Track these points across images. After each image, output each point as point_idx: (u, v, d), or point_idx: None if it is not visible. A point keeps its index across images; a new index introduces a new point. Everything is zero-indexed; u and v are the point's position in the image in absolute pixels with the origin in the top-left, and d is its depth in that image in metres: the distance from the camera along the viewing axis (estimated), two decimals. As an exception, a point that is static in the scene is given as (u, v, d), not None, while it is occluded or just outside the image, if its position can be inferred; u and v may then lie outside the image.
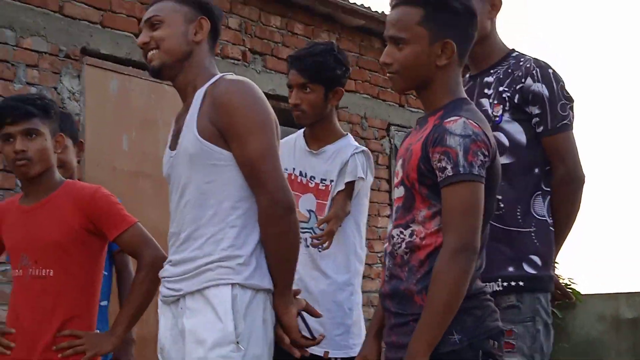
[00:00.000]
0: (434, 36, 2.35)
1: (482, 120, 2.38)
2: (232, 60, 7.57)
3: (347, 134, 3.54)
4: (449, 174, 2.27)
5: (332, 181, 3.41)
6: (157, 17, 2.63)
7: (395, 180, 2.44)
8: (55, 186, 3.00)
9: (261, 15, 7.92)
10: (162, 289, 2.63)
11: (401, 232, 2.37)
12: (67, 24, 6.35)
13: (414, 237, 2.34)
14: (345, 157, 3.41)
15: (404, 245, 2.35)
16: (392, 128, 9.18)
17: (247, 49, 7.73)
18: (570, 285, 11.13)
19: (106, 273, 3.53)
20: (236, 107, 2.50)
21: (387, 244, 2.43)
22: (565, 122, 2.85)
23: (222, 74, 2.63)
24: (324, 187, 3.42)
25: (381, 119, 9.04)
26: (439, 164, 2.29)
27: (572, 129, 2.87)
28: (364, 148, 3.49)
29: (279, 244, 2.50)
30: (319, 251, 3.38)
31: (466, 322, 2.29)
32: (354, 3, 8.44)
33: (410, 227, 2.35)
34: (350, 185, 3.40)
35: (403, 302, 2.35)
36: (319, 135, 3.49)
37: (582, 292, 11.24)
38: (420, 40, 2.35)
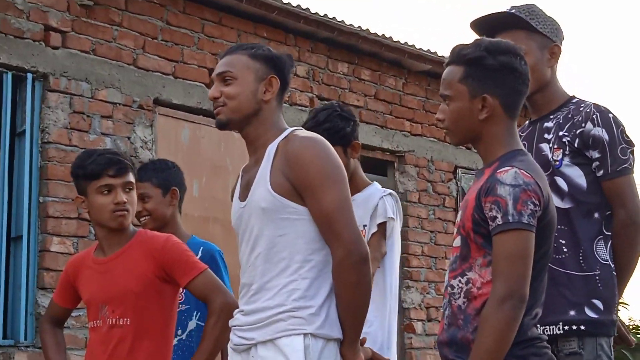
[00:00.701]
0: (473, 92, 2.48)
1: (536, 170, 2.45)
2: (300, 107, 7.70)
3: (373, 182, 3.67)
4: (499, 223, 2.34)
5: (364, 226, 3.50)
6: (229, 72, 2.68)
7: (455, 231, 2.52)
8: (129, 237, 3.12)
9: (328, 63, 8.06)
10: (233, 337, 2.67)
11: (459, 282, 2.43)
12: (141, 76, 6.57)
13: (470, 285, 2.41)
14: (374, 202, 3.53)
15: (462, 294, 2.42)
16: (459, 171, 9.19)
17: (314, 95, 7.86)
18: (639, 328, 10.87)
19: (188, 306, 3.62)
20: (310, 162, 2.56)
21: (445, 292, 2.49)
22: (625, 165, 2.86)
23: (292, 129, 2.70)
24: None
25: (448, 162, 9.05)
26: (490, 213, 2.36)
27: (632, 172, 2.88)
28: (391, 191, 3.61)
29: (353, 294, 2.53)
30: None
31: None
32: (420, 48, 8.52)
33: (467, 275, 2.42)
34: (383, 227, 3.51)
35: (460, 350, 2.41)
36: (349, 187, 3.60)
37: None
38: (462, 97, 2.50)
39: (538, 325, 2.45)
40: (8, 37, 5.90)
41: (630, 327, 10.86)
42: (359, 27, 7.99)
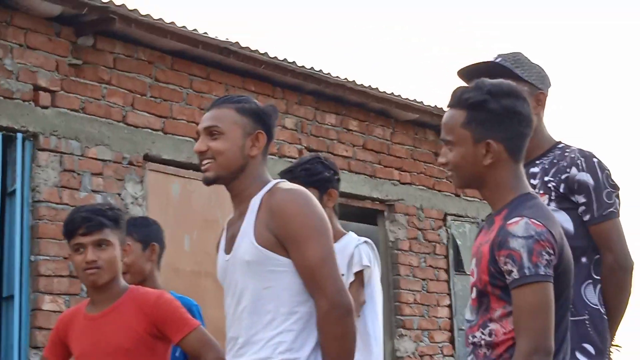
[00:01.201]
0: (477, 137, 2.43)
1: (546, 216, 2.41)
2: (289, 159, 7.75)
3: (348, 232, 3.71)
4: (515, 277, 2.30)
5: (342, 275, 3.50)
6: (216, 128, 2.68)
7: (471, 280, 2.48)
8: (120, 293, 3.11)
9: (316, 114, 8.13)
10: None
11: (482, 333, 2.41)
12: (131, 133, 6.62)
13: (493, 336, 2.38)
14: (350, 251, 3.58)
15: (484, 344, 2.40)
16: (449, 218, 9.23)
17: (303, 147, 7.92)
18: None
19: None
20: (294, 214, 2.57)
21: (467, 343, 2.47)
22: (611, 209, 2.88)
23: (276, 181, 2.72)
24: None
25: (437, 209, 9.10)
26: (505, 267, 2.32)
27: (618, 216, 2.90)
28: (366, 239, 3.66)
29: (338, 346, 2.53)
30: None
31: None
32: (407, 98, 8.62)
33: (489, 326, 2.39)
34: (360, 275, 3.56)
35: None
36: None
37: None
38: (465, 142, 2.44)
39: None
40: (-2, 98, 5.95)
41: (626, 370, 10.81)
42: (345, 78, 8.09)
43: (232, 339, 2.66)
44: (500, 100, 2.44)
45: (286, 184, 2.72)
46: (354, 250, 3.57)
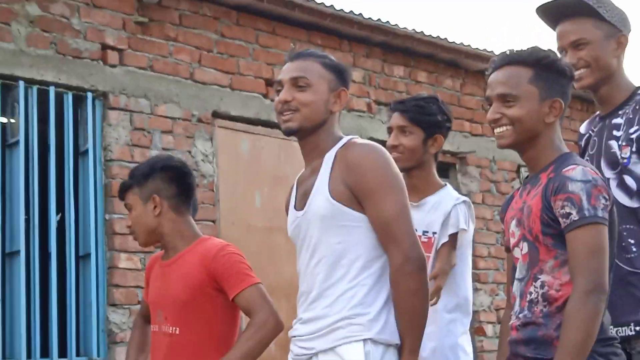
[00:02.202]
0: (544, 94, 2.48)
1: (595, 167, 2.48)
2: (358, 113, 7.68)
3: (446, 184, 3.54)
4: (575, 219, 2.34)
5: (434, 233, 3.39)
6: (305, 79, 2.66)
7: (512, 241, 2.49)
8: (187, 242, 3.08)
9: (384, 67, 8.02)
10: (294, 348, 2.66)
11: (534, 287, 2.42)
12: (198, 90, 6.62)
13: (547, 288, 2.40)
14: (447, 209, 3.40)
15: (539, 298, 2.41)
16: (522, 169, 9.06)
17: (371, 100, 7.83)
18: None
19: None
20: (370, 168, 2.57)
21: (520, 300, 2.46)
22: None
23: (349, 137, 2.70)
24: (426, 240, 3.38)
25: (510, 161, 8.93)
26: (562, 211, 2.36)
27: None
28: (466, 198, 3.48)
29: (411, 301, 2.52)
30: None
31: None
32: (477, 48, 8.44)
33: (540, 278, 2.42)
34: (454, 237, 3.38)
35: (541, 348, 2.39)
36: (419, 186, 3.46)
37: None
38: (531, 98, 2.48)
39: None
40: (66, 58, 6.00)
41: None
42: (414, 29, 7.94)
43: (304, 293, 2.66)
44: (562, 63, 2.52)
45: (360, 140, 2.69)
46: (451, 210, 3.40)
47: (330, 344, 2.54)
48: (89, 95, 6.10)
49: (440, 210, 3.41)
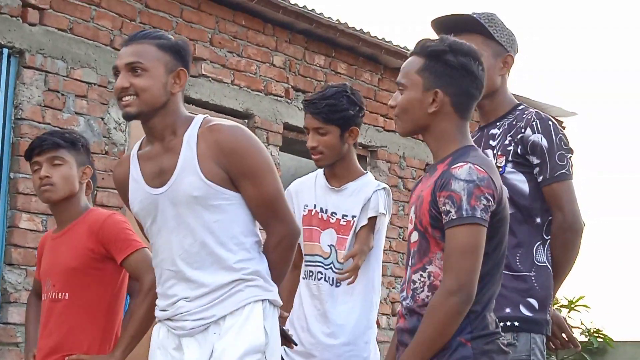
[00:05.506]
0: (427, 84, 2.55)
1: (490, 165, 2.52)
2: (276, 97, 7.76)
3: (367, 172, 3.67)
4: (452, 217, 2.41)
5: (354, 217, 3.52)
6: (139, 63, 2.66)
7: (410, 227, 2.59)
8: (78, 214, 3.21)
9: (306, 54, 8.11)
10: (185, 324, 2.71)
11: (421, 276, 2.50)
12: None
13: (433, 278, 2.48)
14: (367, 194, 3.53)
15: (425, 287, 2.49)
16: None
17: (290, 86, 7.92)
18: (600, 331, 11.03)
19: None
20: (247, 151, 2.71)
21: (407, 287, 2.55)
22: (563, 171, 2.95)
23: (202, 116, 2.76)
24: (345, 223, 3.53)
25: (419, 159, 9.15)
26: (443, 207, 2.43)
27: (570, 178, 2.97)
28: (385, 185, 3.62)
29: (286, 266, 2.82)
30: (336, 286, 3.50)
31: None
32: (397, 45, 8.60)
33: (427, 269, 2.49)
34: (373, 221, 3.52)
35: None
36: (340, 173, 3.60)
37: (614, 339, 11.14)
38: (415, 87, 2.56)
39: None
40: (-15, 12, 5.91)
41: (591, 330, 11.00)
42: (337, 20, 8.05)
43: (179, 272, 2.72)
44: (458, 57, 2.54)
45: (221, 120, 2.78)
46: (372, 195, 3.52)
47: (234, 306, 2.68)
48: (5, 51, 6.01)
49: (361, 196, 3.53)
